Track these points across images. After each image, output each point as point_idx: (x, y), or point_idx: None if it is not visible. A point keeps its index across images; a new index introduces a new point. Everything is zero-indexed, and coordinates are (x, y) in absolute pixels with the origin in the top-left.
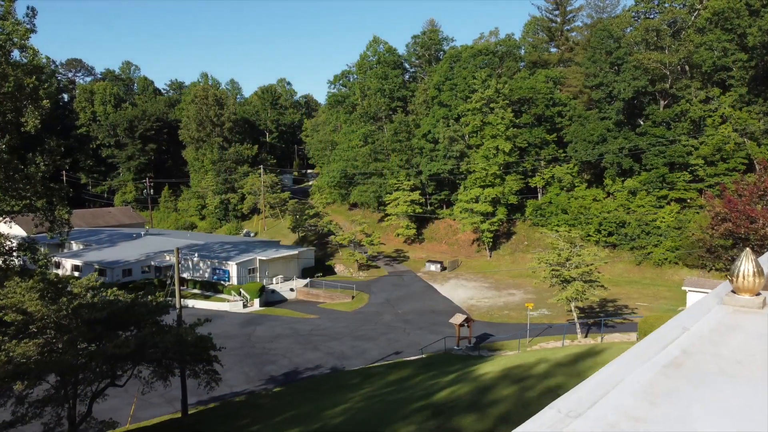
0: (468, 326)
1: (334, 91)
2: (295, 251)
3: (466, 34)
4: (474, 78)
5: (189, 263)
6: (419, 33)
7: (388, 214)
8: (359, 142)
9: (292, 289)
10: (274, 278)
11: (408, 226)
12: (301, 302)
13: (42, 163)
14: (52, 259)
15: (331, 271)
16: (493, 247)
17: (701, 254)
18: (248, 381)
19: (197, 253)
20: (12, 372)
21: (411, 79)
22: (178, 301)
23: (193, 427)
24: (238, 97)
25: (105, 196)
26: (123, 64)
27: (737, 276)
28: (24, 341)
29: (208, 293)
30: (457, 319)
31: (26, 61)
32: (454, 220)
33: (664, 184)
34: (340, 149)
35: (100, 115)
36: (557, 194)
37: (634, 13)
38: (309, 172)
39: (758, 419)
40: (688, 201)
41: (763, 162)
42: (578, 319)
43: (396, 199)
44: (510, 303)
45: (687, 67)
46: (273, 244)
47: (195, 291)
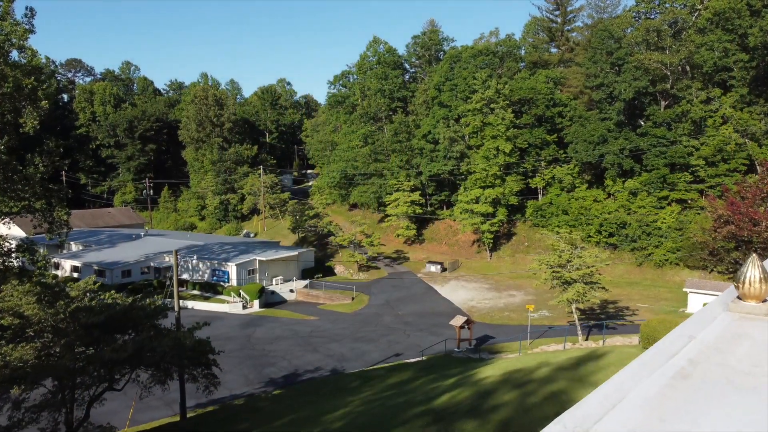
0: (468, 328)
1: (334, 91)
2: (295, 252)
3: (467, 34)
4: (474, 78)
5: (188, 264)
6: (419, 33)
7: (388, 215)
8: (359, 142)
9: (291, 291)
10: (273, 279)
11: (408, 226)
12: (301, 303)
13: (41, 164)
14: (51, 260)
15: (331, 272)
16: (493, 248)
17: (704, 257)
18: (248, 383)
19: (197, 254)
20: (8, 376)
21: (411, 80)
22: (176, 304)
23: (192, 431)
24: (238, 97)
25: (105, 196)
26: (123, 64)
27: (743, 282)
28: (21, 345)
29: (207, 294)
30: (458, 320)
31: (25, 61)
32: (455, 220)
33: (665, 185)
34: (340, 150)
35: (99, 115)
36: (558, 195)
37: (634, 14)
38: (309, 172)
39: None
40: (689, 202)
41: (765, 163)
42: (579, 320)
43: (396, 199)
44: (510, 304)
45: (688, 68)
46: (273, 244)
47: (194, 292)
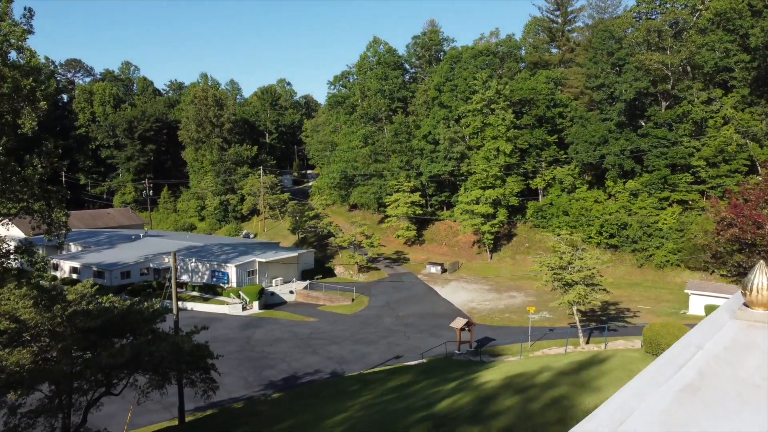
0: (469, 330)
1: (334, 91)
2: (295, 253)
3: (467, 34)
4: (474, 79)
5: (188, 266)
6: (419, 33)
7: (388, 216)
8: (359, 143)
9: (291, 292)
10: (273, 280)
11: (408, 227)
12: (301, 305)
13: (39, 165)
14: (50, 262)
15: (330, 273)
16: (493, 249)
17: (706, 260)
18: (247, 386)
19: (196, 255)
20: (5, 381)
21: (411, 80)
22: (175, 307)
23: None
24: (238, 97)
25: (104, 197)
26: (122, 64)
27: (751, 290)
28: (18, 349)
29: (207, 296)
30: (458, 323)
31: (23, 62)
32: (455, 221)
33: (666, 186)
34: (340, 150)
35: (99, 115)
36: (558, 196)
37: (635, 14)
38: (309, 172)
39: None
40: (690, 203)
41: (767, 164)
42: (580, 322)
43: (396, 200)
44: (511, 306)
45: (689, 68)
46: (272, 245)
47: (194, 293)
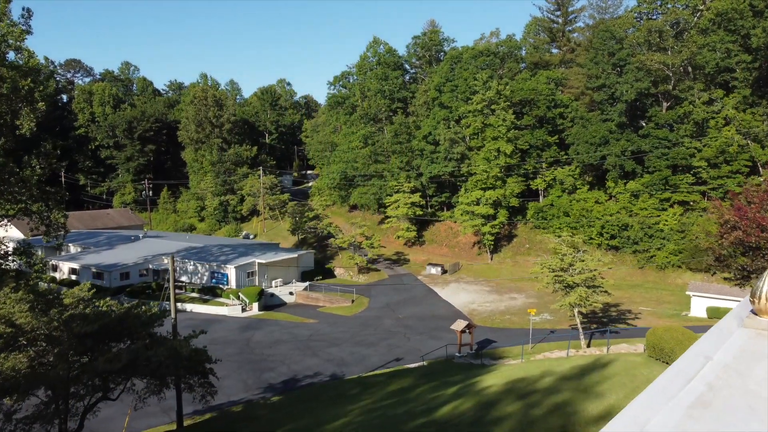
0: (469, 332)
1: (334, 92)
2: (295, 254)
3: (467, 34)
4: (475, 79)
5: (187, 267)
6: (420, 33)
7: (388, 217)
8: (359, 143)
9: (291, 293)
10: (273, 282)
11: (408, 228)
12: (301, 306)
13: (38, 166)
14: (49, 263)
15: (330, 274)
16: (494, 250)
17: (710, 263)
18: (246, 389)
19: (196, 256)
20: (0, 386)
21: (411, 81)
22: (173, 311)
23: None
24: (238, 97)
25: (104, 197)
26: (122, 64)
27: (759, 297)
28: (13, 354)
29: (206, 297)
30: (459, 325)
31: (22, 63)
32: (455, 222)
33: (667, 187)
34: (340, 151)
35: (98, 116)
36: (559, 197)
37: (636, 14)
38: (309, 173)
39: None
40: (691, 204)
41: None
42: (581, 324)
43: (396, 201)
44: (512, 307)
45: (690, 69)
46: (272, 246)
47: (193, 295)
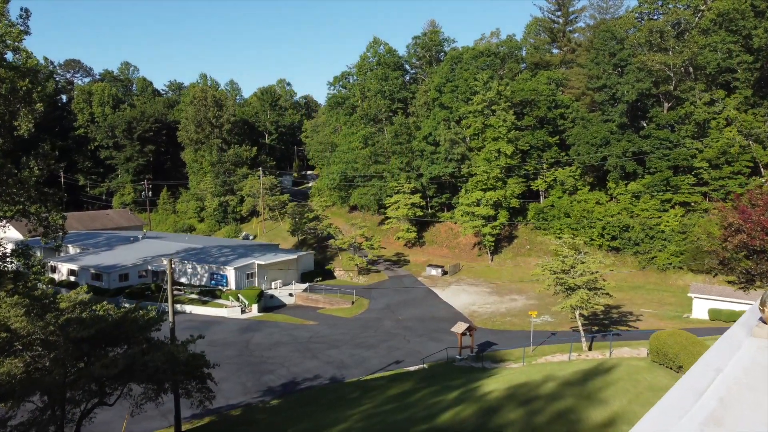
0: (470, 335)
1: (334, 92)
2: (294, 255)
3: (467, 34)
4: (475, 80)
5: (186, 268)
6: (420, 34)
7: (388, 217)
8: (359, 144)
9: (291, 294)
10: (272, 283)
11: (408, 229)
12: (300, 308)
13: (36, 167)
14: (48, 264)
15: (330, 275)
16: (494, 251)
17: (714, 266)
18: (245, 392)
19: (195, 257)
20: None
21: (411, 81)
22: (171, 315)
23: None
24: (238, 98)
25: (103, 197)
26: (122, 64)
27: None
28: (9, 359)
29: (205, 299)
30: (459, 327)
31: (20, 63)
32: (455, 223)
33: (668, 188)
34: (339, 151)
35: (98, 116)
36: (560, 197)
37: (637, 14)
38: (309, 173)
39: None
40: (693, 205)
41: None
42: (582, 326)
43: (396, 202)
44: (512, 309)
45: (691, 69)
46: (272, 247)
47: (193, 296)
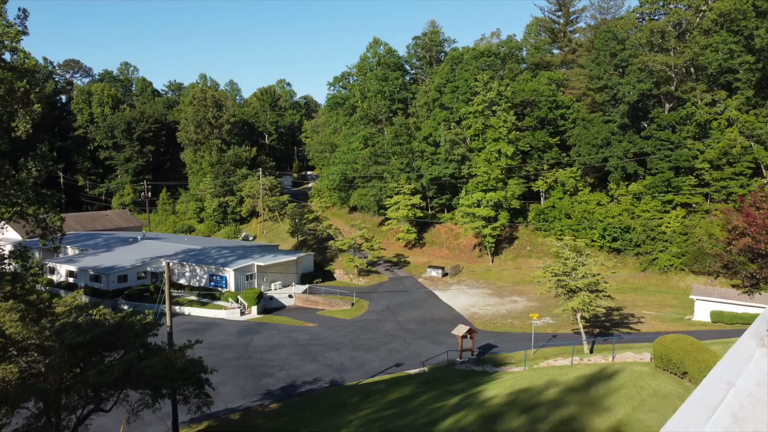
0: (471, 337)
1: (334, 92)
2: (294, 257)
3: (468, 35)
4: (476, 80)
5: (185, 270)
6: (420, 34)
7: (388, 218)
8: (359, 144)
9: (290, 296)
10: (272, 284)
11: (408, 230)
12: (300, 309)
13: (34, 168)
14: (47, 265)
15: (330, 276)
16: (495, 252)
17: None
18: (244, 396)
19: (194, 258)
20: None
21: (412, 81)
22: (168, 320)
23: None
24: (237, 98)
25: (102, 198)
26: (121, 64)
27: None
28: (3, 365)
29: (205, 300)
30: (460, 330)
31: (18, 64)
32: (456, 224)
33: (670, 189)
34: (339, 152)
35: (97, 116)
36: (560, 198)
37: (638, 15)
38: (309, 173)
39: None
40: (694, 206)
41: None
42: (584, 329)
43: (396, 202)
44: (513, 311)
45: (692, 70)
46: (271, 248)
47: (191, 298)
